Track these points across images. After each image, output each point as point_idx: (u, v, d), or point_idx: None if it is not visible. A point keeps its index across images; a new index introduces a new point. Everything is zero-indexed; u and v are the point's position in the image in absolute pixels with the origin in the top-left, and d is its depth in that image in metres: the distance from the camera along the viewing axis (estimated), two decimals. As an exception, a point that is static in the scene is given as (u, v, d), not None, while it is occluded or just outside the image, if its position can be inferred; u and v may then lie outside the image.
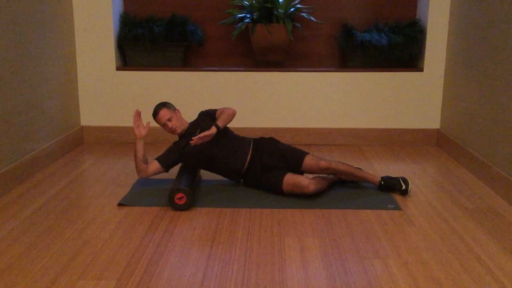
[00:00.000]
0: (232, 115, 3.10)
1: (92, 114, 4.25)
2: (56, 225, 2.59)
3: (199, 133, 3.06)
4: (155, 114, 3.11)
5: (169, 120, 3.09)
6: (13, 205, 2.86)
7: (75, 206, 2.85)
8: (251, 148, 3.10)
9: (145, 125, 3.04)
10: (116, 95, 4.22)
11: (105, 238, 2.44)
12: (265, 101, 4.20)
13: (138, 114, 3.03)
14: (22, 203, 2.89)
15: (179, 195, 2.75)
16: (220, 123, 3.02)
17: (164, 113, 3.08)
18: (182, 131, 3.14)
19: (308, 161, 3.00)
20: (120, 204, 2.87)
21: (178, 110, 3.20)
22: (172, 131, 3.11)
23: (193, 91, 4.19)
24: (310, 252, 2.30)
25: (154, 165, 3.04)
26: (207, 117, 3.20)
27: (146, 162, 3.02)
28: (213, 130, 2.97)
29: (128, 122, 4.23)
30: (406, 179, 3.05)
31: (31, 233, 2.49)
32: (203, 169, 3.15)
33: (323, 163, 2.97)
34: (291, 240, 2.42)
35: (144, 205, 2.86)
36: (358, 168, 3.19)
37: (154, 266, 2.17)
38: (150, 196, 2.99)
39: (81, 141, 4.24)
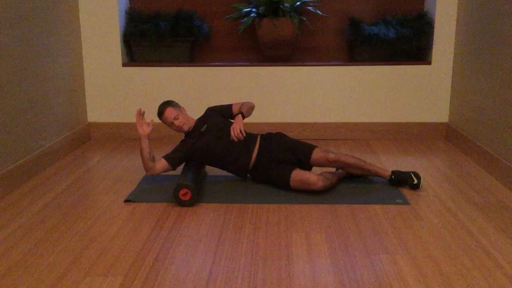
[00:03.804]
0: (253, 107, 3.18)
1: (99, 110, 4.26)
2: (64, 221, 2.60)
3: (206, 129, 3.06)
4: (161, 113, 3.08)
5: (176, 118, 3.05)
6: (21, 201, 2.87)
7: (83, 203, 2.85)
8: (258, 142, 3.08)
9: (148, 122, 3.01)
10: (122, 91, 4.22)
11: (112, 234, 2.44)
12: (272, 95, 4.18)
13: (140, 113, 2.98)
14: (30, 199, 2.90)
15: (183, 191, 2.75)
16: (244, 111, 3.07)
17: (170, 112, 3.06)
18: (189, 128, 3.12)
19: (316, 154, 2.98)
20: (127, 201, 2.87)
21: (183, 107, 3.18)
22: (179, 129, 3.07)
23: (200, 87, 4.18)
24: (317, 247, 2.29)
25: (162, 163, 3.01)
26: (217, 112, 3.18)
27: (153, 160, 2.99)
28: (241, 119, 3.01)
29: (135, 118, 4.23)
30: (418, 174, 3.02)
31: (39, 229, 2.50)
32: (211, 165, 3.14)
33: (332, 156, 2.95)
34: (298, 236, 2.41)
35: (151, 201, 2.86)
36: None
37: (161, 262, 2.16)
38: (157, 192, 2.99)
39: (88, 138, 4.24)
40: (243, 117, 3.05)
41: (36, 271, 2.10)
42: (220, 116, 3.16)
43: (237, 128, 2.95)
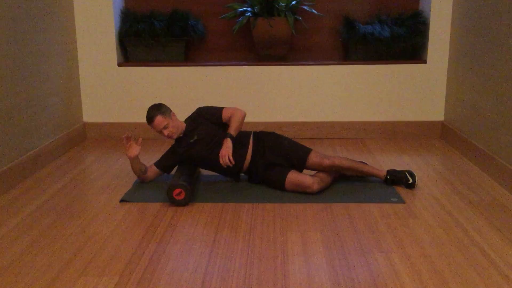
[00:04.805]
0: (243, 119, 2.99)
1: (94, 110, 4.25)
2: (59, 221, 2.59)
3: (196, 139, 2.99)
4: (150, 120, 2.95)
5: (165, 127, 2.94)
6: (16, 202, 2.86)
7: (78, 203, 2.85)
8: (251, 144, 3.03)
9: (137, 143, 2.95)
10: (118, 91, 4.21)
11: (107, 234, 2.43)
12: (267, 95, 4.18)
13: (128, 139, 2.93)
14: (25, 200, 2.89)
15: (177, 190, 2.74)
16: (233, 132, 2.91)
17: (159, 122, 2.93)
18: (179, 135, 3.03)
19: (312, 159, 2.97)
20: (122, 200, 2.87)
21: (173, 113, 3.01)
22: (169, 137, 2.99)
23: (195, 86, 4.18)
24: (312, 246, 2.29)
25: (154, 172, 3.08)
26: (207, 119, 3.04)
27: (145, 172, 3.04)
28: (229, 143, 2.87)
29: (131, 118, 4.23)
30: (413, 172, 3.02)
31: (34, 230, 2.49)
32: (204, 169, 3.12)
33: (327, 162, 2.94)
34: (294, 235, 2.41)
35: (146, 201, 2.85)
36: (362, 162, 3.17)
37: (156, 262, 2.16)
38: (153, 192, 2.98)
39: (83, 138, 4.23)
40: (233, 139, 2.91)
41: (30, 271, 2.09)
42: (209, 123, 3.03)
43: (225, 157, 2.83)
